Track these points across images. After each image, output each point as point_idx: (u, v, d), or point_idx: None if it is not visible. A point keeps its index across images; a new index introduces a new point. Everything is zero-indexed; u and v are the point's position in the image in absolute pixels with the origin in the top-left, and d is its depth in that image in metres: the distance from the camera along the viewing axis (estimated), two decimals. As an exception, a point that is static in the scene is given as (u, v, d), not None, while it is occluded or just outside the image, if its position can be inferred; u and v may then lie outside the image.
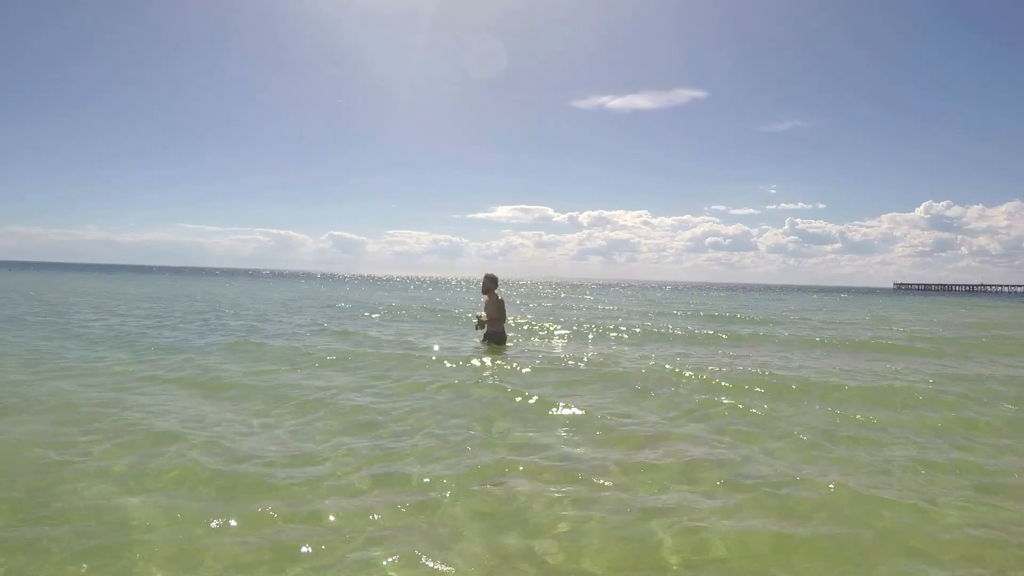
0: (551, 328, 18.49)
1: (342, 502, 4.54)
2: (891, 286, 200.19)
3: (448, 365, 10.66)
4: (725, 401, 8.04)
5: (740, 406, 7.74)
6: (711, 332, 18.23)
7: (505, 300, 12.83)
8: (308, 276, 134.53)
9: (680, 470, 5.34)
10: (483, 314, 12.83)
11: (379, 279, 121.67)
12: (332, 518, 4.26)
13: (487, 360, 11.19)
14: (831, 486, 4.92)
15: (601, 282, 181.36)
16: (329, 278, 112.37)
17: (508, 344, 13.15)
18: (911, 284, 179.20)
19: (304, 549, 3.81)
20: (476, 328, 13.48)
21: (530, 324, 19.59)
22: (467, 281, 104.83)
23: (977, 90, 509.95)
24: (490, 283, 12.48)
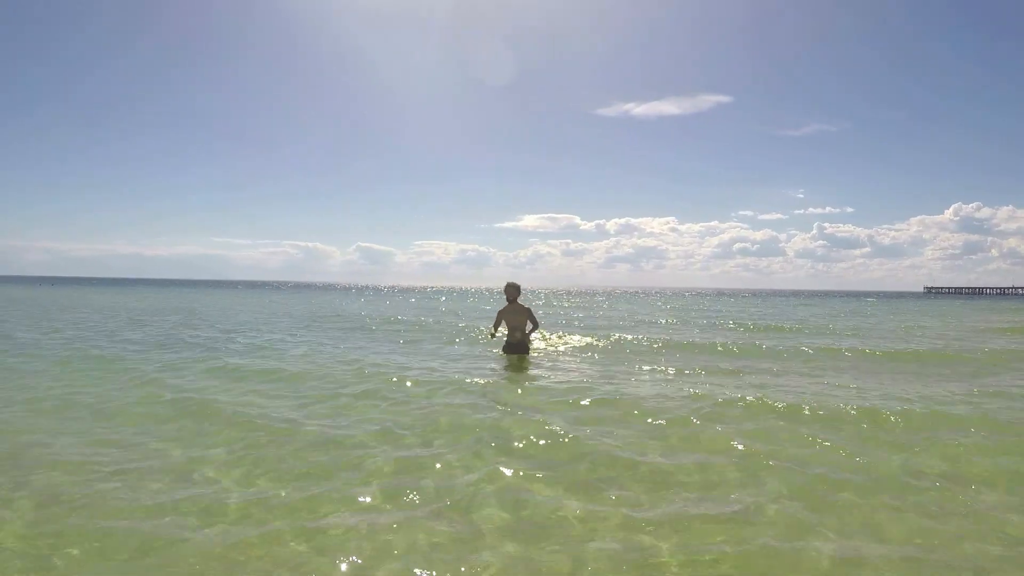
0: (569, 340, 17.51)
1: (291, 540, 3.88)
2: (921, 290, 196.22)
3: (439, 385, 9.78)
4: (746, 434, 7.04)
5: (760, 439, 6.78)
6: (736, 344, 17.18)
7: (532, 309, 12.55)
8: (331, 287, 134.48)
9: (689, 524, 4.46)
10: (493, 328, 12.59)
11: (404, 289, 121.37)
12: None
13: (485, 379, 10.31)
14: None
15: (629, 290, 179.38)
16: (348, 289, 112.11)
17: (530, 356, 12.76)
18: (942, 288, 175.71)
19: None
20: (490, 337, 12.97)
21: (549, 336, 18.58)
22: (491, 291, 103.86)
23: (1003, 93, 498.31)
24: (514, 291, 12.21)
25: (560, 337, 17.98)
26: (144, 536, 4.07)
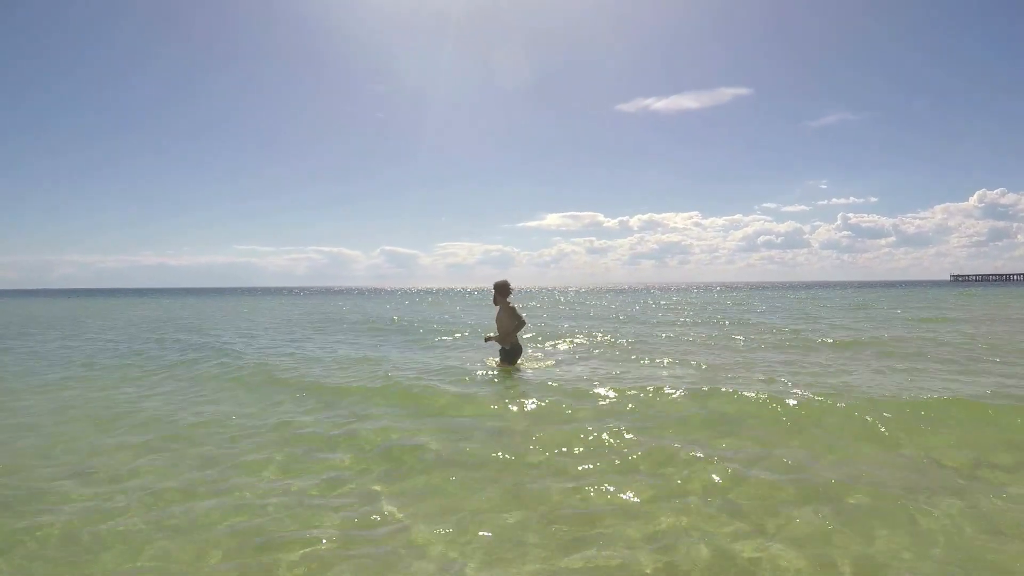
0: (574, 345, 15.36)
1: None
2: (948, 278, 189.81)
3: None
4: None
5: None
6: (772, 357, 14.80)
7: (516, 308, 10.74)
8: (352, 292, 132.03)
9: None
10: (493, 333, 10.94)
11: (425, 291, 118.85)
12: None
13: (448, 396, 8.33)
14: None
15: (653, 286, 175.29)
16: (345, 291, 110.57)
17: (519, 364, 10.96)
18: (968, 275, 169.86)
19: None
20: (485, 341, 11.56)
21: (562, 342, 16.46)
22: (513, 289, 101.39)
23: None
24: (496, 292, 10.62)
25: (572, 344, 15.73)
26: None
